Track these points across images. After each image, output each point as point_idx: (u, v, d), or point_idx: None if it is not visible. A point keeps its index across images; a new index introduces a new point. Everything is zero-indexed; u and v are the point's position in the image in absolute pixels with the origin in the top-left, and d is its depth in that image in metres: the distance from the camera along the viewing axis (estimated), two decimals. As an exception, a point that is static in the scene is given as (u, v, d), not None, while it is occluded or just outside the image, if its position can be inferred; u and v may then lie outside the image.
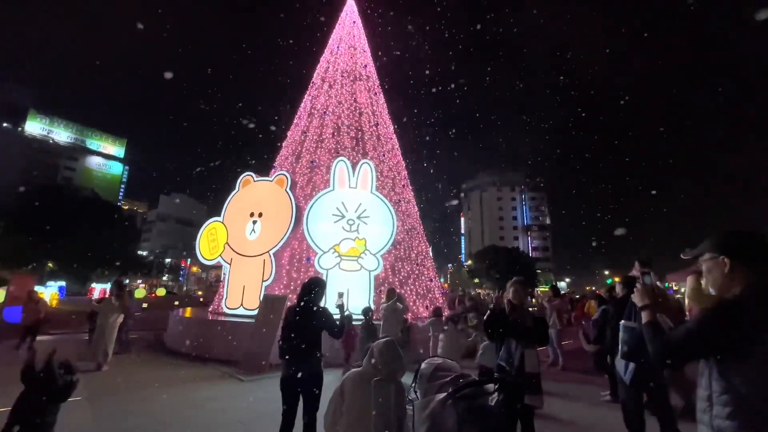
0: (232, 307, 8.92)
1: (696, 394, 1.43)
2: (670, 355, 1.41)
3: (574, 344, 8.62)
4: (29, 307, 8.29)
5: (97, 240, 32.70)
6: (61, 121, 72.26)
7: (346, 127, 11.68)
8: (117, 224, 37.34)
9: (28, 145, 65.00)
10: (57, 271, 35.51)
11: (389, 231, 8.91)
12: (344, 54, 13.38)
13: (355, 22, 14.53)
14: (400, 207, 11.43)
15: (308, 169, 11.01)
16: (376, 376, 2.12)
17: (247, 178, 9.89)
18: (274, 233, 8.95)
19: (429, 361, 2.88)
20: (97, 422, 4.00)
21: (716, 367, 1.32)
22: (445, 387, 2.62)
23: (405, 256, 10.82)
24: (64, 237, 31.13)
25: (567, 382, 6.14)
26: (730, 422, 1.24)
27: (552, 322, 7.37)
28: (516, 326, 3.09)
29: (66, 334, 10.35)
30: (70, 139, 72.60)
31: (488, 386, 2.76)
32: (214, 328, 7.91)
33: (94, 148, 75.90)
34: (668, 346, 1.41)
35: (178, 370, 6.44)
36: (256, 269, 8.81)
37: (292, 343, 3.20)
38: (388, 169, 11.92)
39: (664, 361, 1.46)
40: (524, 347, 3.02)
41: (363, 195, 9.08)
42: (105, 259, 34.01)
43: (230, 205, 9.82)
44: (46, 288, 24.30)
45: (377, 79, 13.92)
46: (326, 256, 8.52)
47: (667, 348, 1.41)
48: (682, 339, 1.38)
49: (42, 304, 8.81)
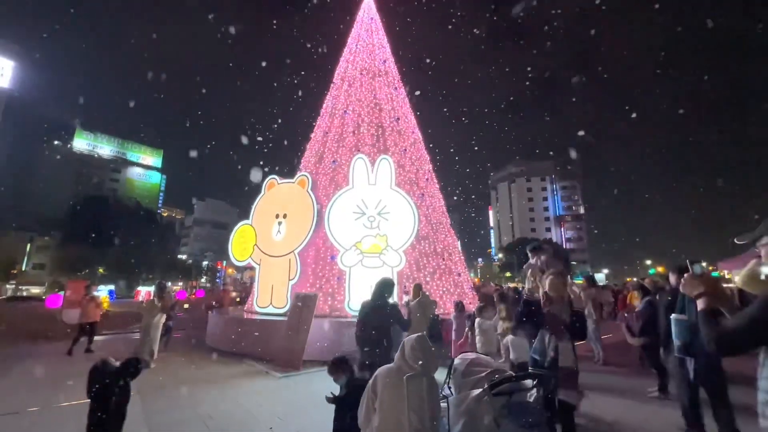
0: (262, 306, 9.23)
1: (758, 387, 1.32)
2: (728, 343, 1.31)
3: (614, 337, 8.20)
4: (89, 307, 8.56)
5: (141, 246, 34.88)
6: (104, 136, 77.36)
7: (366, 124, 11.66)
8: (157, 230, 39.70)
9: (77, 160, 70.12)
10: (107, 275, 38.21)
11: (411, 226, 8.79)
12: (363, 51, 13.36)
13: (372, 18, 14.47)
14: (423, 201, 11.27)
15: (330, 168, 11.10)
16: (408, 372, 2.08)
17: (271, 181, 10.16)
18: (298, 233, 9.14)
19: (462, 356, 2.81)
20: (146, 415, 4.24)
21: None
22: (481, 382, 2.55)
23: (430, 251, 10.65)
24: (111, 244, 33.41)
25: (609, 378, 5.84)
26: None
27: (587, 313, 7.03)
28: (551, 318, 2.95)
29: (117, 334, 11.13)
30: (112, 153, 77.64)
31: (526, 382, 2.67)
32: (249, 327, 8.18)
33: (134, 159, 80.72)
34: (727, 335, 1.31)
35: (217, 367, 6.72)
36: (283, 269, 9.06)
37: (369, 336, 3.73)
38: (410, 163, 11.78)
39: (723, 351, 1.36)
40: (558, 340, 2.88)
41: (382, 191, 9.02)
42: (148, 263, 36.23)
43: (257, 207, 10.14)
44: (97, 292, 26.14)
45: (397, 74, 13.79)
46: (348, 254, 8.54)
47: (726, 336, 1.31)
48: (742, 326, 1.28)
49: (100, 302, 9.21)
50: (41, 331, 11.00)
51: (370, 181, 9.08)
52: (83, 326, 8.42)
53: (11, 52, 44.67)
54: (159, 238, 38.85)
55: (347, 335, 7.38)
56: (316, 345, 7.09)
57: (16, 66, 45.50)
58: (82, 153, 72.46)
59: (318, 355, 6.99)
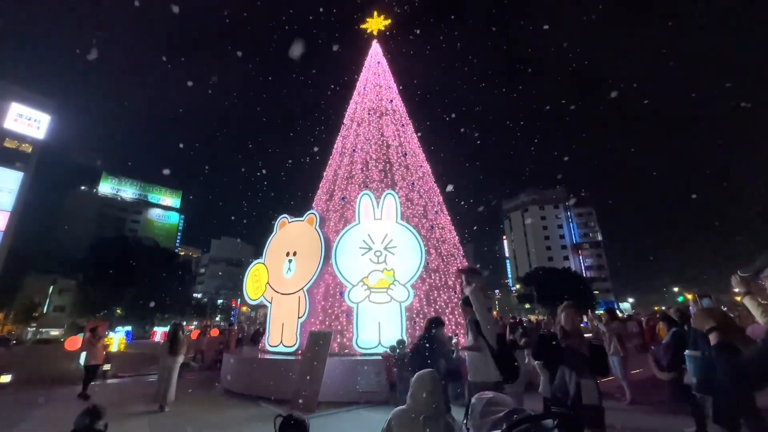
0: (273, 345, 9.19)
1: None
2: (753, 374, 1.28)
3: (644, 373, 7.75)
4: (94, 349, 8.28)
5: (158, 285, 35.31)
6: (128, 179, 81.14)
7: (374, 161, 12.04)
8: (175, 270, 40.20)
9: (102, 204, 73.31)
10: (124, 316, 38.49)
11: (417, 260, 8.73)
12: (370, 93, 14.10)
13: (379, 62, 15.37)
14: (433, 234, 11.29)
15: (340, 205, 11.36)
16: (419, 412, 2.06)
17: (283, 220, 10.43)
18: (307, 270, 9.20)
19: (480, 395, 2.74)
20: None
21: None
22: (499, 423, 2.48)
23: (441, 284, 10.52)
24: (129, 284, 33.99)
25: (639, 417, 5.49)
26: None
27: (613, 349, 6.72)
28: (570, 353, 2.89)
29: (134, 377, 11.05)
30: (135, 195, 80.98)
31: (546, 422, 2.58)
32: (263, 367, 8.10)
33: (155, 201, 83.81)
34: (751, 365, 1.28)
35: (231, 411, 6.61)
36: (293, 307, 9.07)
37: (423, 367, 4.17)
38: (419, 196, 11.95)
39: (749, 383, 1.33)
40: (580, 377, 2.80)
41: (388, 226, 9.09)
42: (165, 303, 36.48)
43: (270, 246, 10.36)
44: (115, 333, 26.27)
45: (405, 111, 14.42)
46: (356, 290, 8.51)
47: (750, 367, 1.28)
48: (763, 358, 1.25)
49: (102, 342, 8.80)
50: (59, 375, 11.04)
51: (375, 216, 9.19)
52: (91, 368, 8.26)
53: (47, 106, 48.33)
54: (176, 277, 39.31)
55: (363, 374, 7.22)
56: (331, 385, 6.94)
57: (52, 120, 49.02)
58: (106, 196, 75.86)
59: (333, 396, 6.82)
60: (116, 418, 5.59)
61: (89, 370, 8.26)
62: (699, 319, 1.53)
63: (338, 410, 6.49)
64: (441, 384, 2.14)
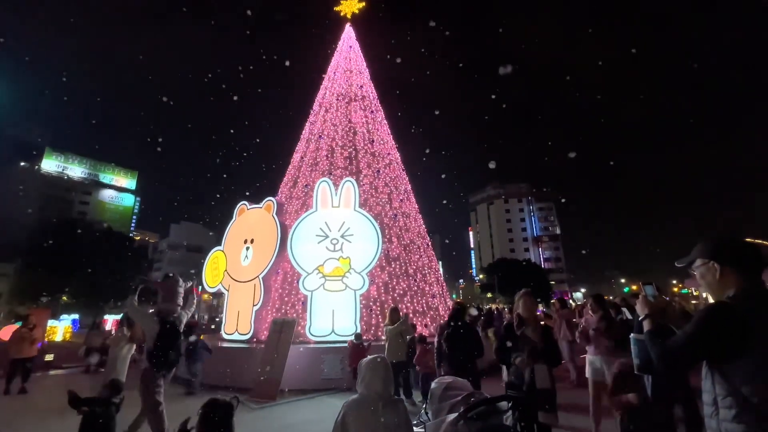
0: (229, 333, 9.06)
1: None
2: (670, 360, 1.42)
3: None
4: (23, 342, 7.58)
5: (110, 272, 33.11)
6: (76, 157, 74.64)
7: (340, 148, 11.85)
8: (129, 255, 37.84)
9: (45, 183, 67.04)
10: (71, 304, 35.87)
11: (374, 248, 8.75)
12: (340, 78, 13.77)
13: (351, 46, 15.01)
14: (396, 222, 11.34)
15: (303, 192, 11.13)
16: (372, 399, 2.06)
17: (242, 207, 10.13)
18: (263, 258, 9.04)
19: (439, 380, 2.80)
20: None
21: (717, 369, 1.33)
22: (457, 406, 2.54)
23: (401, 272, 10.60)
24: (77, 270, 31.61)
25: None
26: (736, 425, 1.23)
27: (563, 334, 7.15)
28: (523, 340, 3.01)
29: (79, 367, 10.32)
30: (84, 174, 74.78)
31: (501, 404, 2.68)
32: (222, 356, 7.86)
33: (107, 181, 77.94)
34: (667, 352, 1.42)
35: (187, 401, 6.38)
36: (248, 294, 8.92)
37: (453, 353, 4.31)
38: (384, 184, 11.91)
39: (668, 367, 1.48)
40: (533, 362, 2.93)
41: (346, 213, 9.00)
42: (118, 290, 34.31)
43: (228, 233, 10.08)
44: (60, 321, 24.51)
45: (375, 98, 14.20)
46: (310, 278, 8.42)
47: (669, 353, 1.42)
48: (680, 343, 1.39)
49: (37, 331, 8.15)
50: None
51: (333, 203, 9.06)
52: (15, 362, 7.50)
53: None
54: (131, 263, 36.99)
55: (327, 361, 7.21)
56: (295, 373, 6.88)
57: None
58: (50, 174, 69.49)
59: (295, 384, 6.76)
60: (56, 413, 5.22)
61: (14, 364, 7.49)
62: (638, 306, 1.68)
63: (301, 397, 6.45)
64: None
